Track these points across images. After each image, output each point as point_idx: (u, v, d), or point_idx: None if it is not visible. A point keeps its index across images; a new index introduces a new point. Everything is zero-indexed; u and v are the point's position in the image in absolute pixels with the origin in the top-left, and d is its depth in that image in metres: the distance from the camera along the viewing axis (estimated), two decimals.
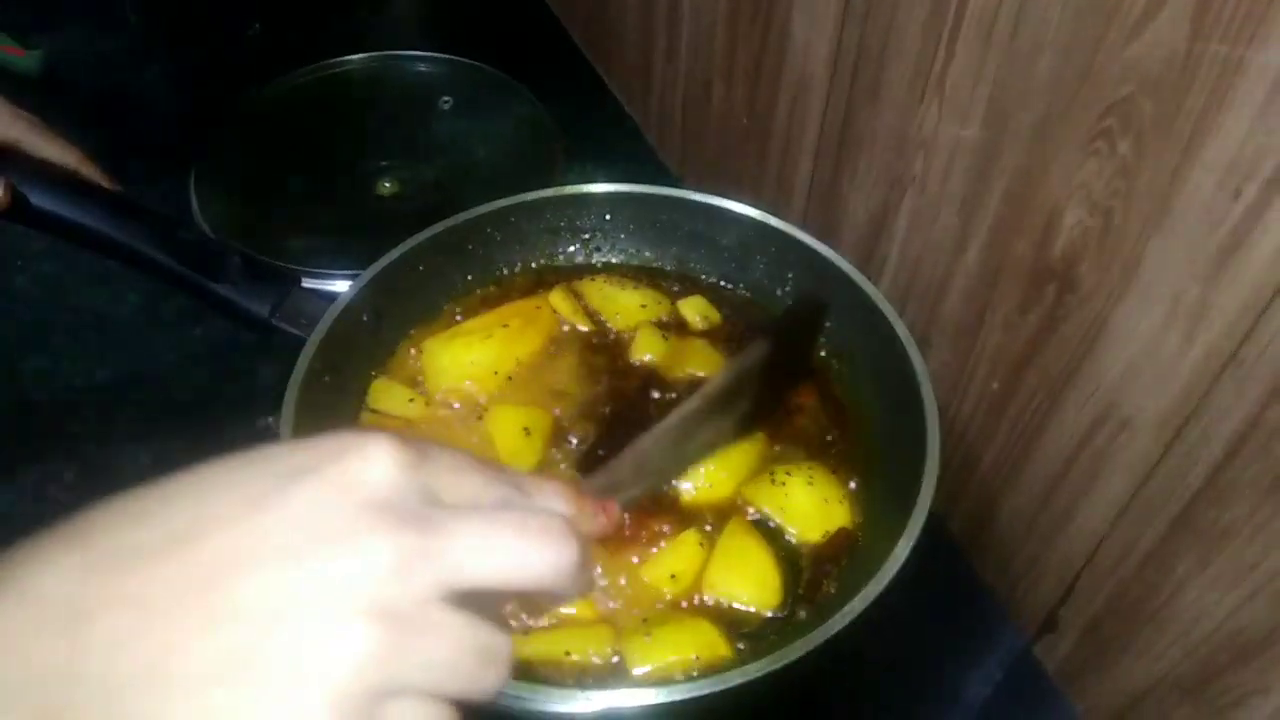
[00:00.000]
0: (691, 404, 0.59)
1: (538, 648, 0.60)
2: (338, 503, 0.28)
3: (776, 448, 0.71)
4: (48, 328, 0.92)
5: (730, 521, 0.66)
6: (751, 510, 0.67)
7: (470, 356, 0.74)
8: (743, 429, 0.64)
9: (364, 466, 0.28)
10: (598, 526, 0.38)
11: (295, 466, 0.28)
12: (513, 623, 0.58)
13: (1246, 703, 0.55)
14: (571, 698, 0.55)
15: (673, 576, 0.62)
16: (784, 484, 0.67)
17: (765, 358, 0.63)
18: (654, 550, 0.64)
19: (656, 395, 0.73)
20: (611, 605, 0.62)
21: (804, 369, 0.73)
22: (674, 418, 0.57)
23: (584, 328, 0.78)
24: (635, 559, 0.64)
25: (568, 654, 0.59)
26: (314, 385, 0.67)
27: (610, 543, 0.64)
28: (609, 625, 0.61)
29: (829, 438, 0.72)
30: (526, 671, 0.59)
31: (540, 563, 0.30)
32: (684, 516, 0.66)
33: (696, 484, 0.67)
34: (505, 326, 0.76)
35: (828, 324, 0.78)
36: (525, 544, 0.30)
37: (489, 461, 0.33)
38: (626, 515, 0.64)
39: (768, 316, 0.81)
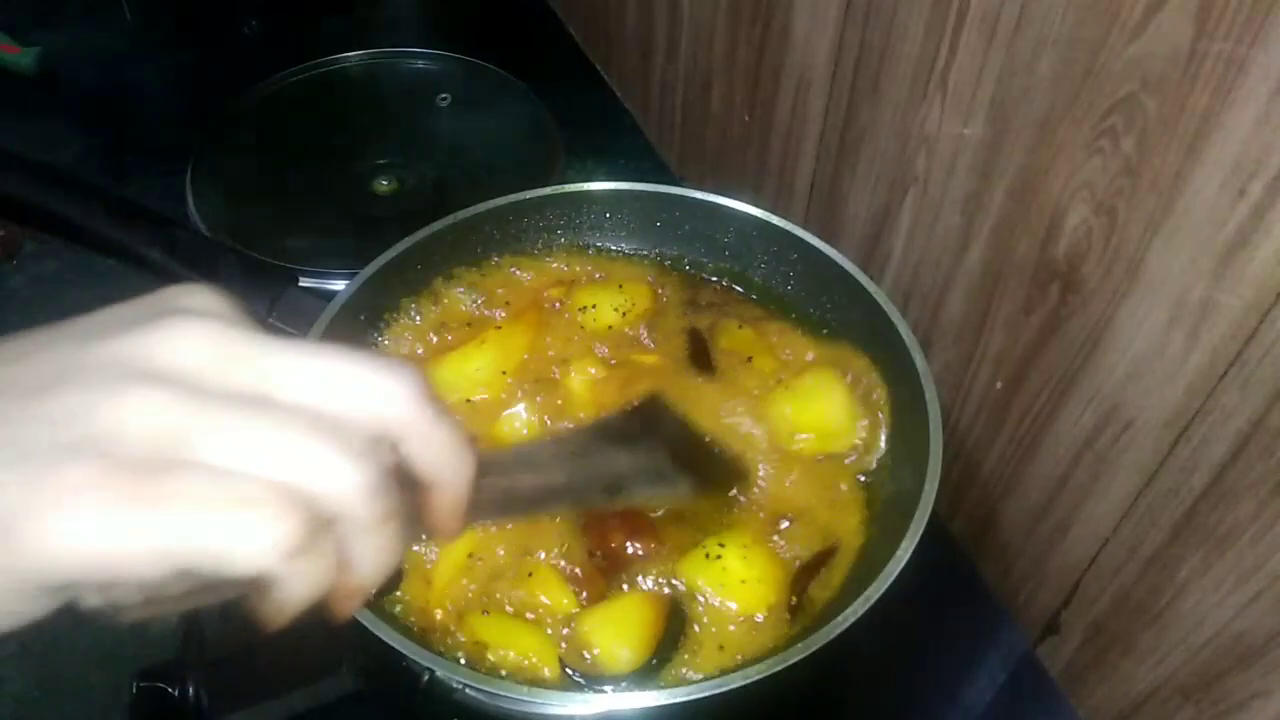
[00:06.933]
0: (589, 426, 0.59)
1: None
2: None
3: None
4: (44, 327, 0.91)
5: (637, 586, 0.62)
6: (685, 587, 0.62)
7: (473, 365, 0.72)
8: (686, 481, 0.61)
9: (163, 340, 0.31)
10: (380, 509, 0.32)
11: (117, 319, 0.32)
12: None
13: (1249, 706, 0.55)
14: (571, 698, 0.54)
15: (546, 603, 0.61)
16: (719, 557, 0.62)
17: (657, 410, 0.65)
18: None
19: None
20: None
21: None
22: (572, 433, 0.58)
23: (573, 313, 0.78)
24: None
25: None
26: None
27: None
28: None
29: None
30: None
31: (231, 538, 0.28)
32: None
33: None
34: (497, 328, 0.75)
35: (824, 330, 0.77)
36: (225, 518, 0.28)
37: (314, 410, 0.31)
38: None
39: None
